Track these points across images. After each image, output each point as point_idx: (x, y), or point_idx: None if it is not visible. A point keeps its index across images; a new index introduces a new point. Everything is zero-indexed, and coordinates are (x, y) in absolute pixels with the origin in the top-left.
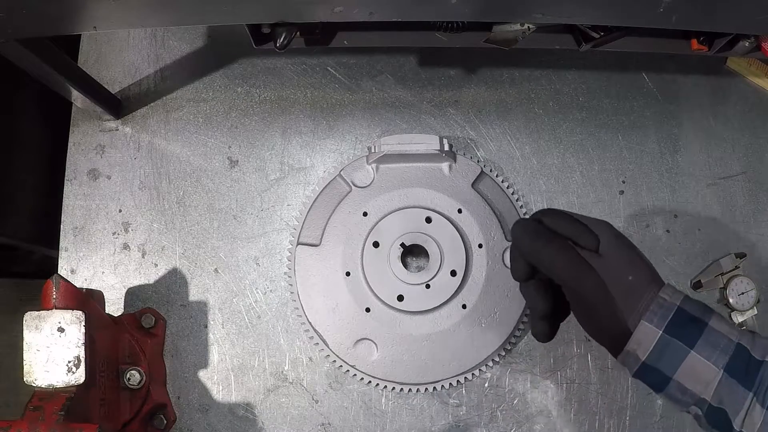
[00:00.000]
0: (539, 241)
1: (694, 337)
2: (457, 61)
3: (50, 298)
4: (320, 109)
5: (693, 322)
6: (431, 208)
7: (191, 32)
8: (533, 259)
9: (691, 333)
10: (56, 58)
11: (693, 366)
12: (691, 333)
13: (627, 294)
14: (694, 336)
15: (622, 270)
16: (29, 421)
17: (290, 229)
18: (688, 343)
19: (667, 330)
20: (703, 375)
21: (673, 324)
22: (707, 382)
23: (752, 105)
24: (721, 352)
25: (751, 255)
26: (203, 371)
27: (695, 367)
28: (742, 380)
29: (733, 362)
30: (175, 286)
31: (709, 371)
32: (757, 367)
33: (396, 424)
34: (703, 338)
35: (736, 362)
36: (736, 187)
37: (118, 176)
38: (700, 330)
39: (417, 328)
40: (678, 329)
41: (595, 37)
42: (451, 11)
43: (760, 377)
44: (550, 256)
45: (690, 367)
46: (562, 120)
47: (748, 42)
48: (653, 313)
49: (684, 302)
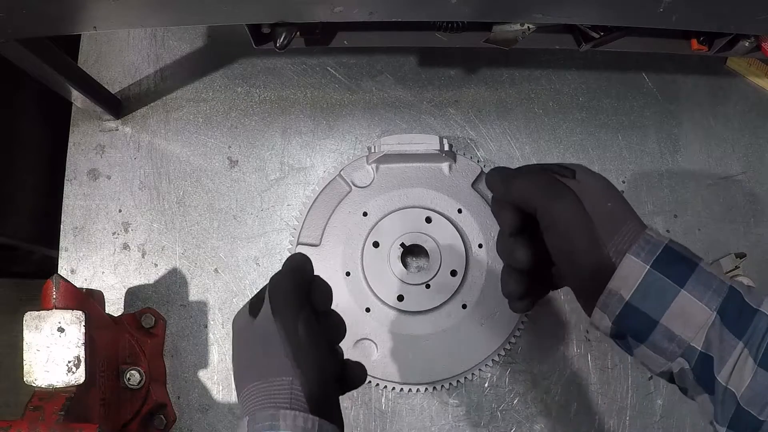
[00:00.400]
0: (514, 172)
1: (684, 275)
2: (457, 61)
3: (50, 298)
4: (320, 109)
5: (683, 261)
6: (431, 208)
7: (191, 32)
8: (509, 191)
9: (681, 271)
10: (56, 58)
11: (683, 307)
12: (681, 271)
13: (607, 220)
14: (684, 274)
15: (601, 196)
16: (29, 421)
17: (290, 229)
18: (678, 281)
19: (654, 266)
20: (695, 317)
21: (662, 261)
22: (698, 325)
23: (752, 105)
24: (713, 293)
25: (751, 255)
26: (203, 371)
27: (686, 308)
28: (734, 327)
29: (726, 305)
30: (175, 286)
31: (701, 313)
32: (751, 315)
33: (396, 424)
34: (695, 277)
35: (729, 306)
36: (736, 187)
37: (118, 176)
38: (690, 269)
39: (417, 328)
40: (667, 267)
41: (595, 37)
42: (451, 11)
43: (753, 327)
44: (525, 179)
45: (680, 308)
46: (562, 120)
47: (748, 42)
48: (640, 247)
49: (672, 243)
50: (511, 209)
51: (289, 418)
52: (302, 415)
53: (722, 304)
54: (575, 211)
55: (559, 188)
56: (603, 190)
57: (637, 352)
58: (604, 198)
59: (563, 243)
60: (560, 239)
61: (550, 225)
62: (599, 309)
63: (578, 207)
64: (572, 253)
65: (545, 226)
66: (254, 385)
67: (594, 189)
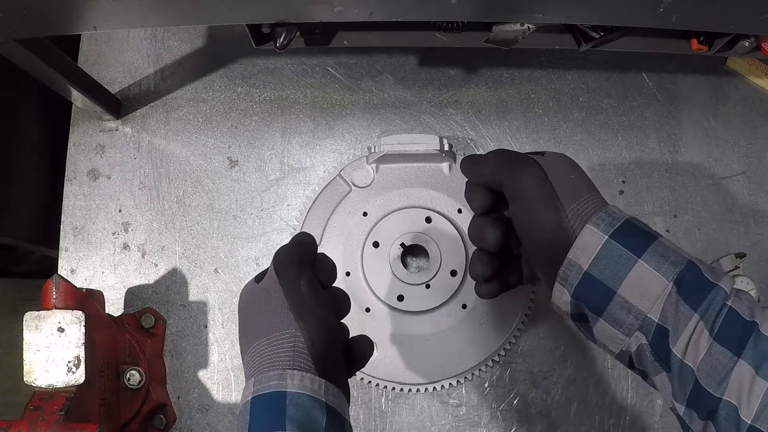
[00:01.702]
0: (484, 154)
1: (642, 246)
2: (457, 61)
3: (50, 298)
4: (320, 109)
5: (642, 233)
6: (431, 208)
7: (191, 32)
8: (479, 172)
9: (639, 242)
10: (56, 58)
11: (640, 277)
12: (639, 242)
13: (569, 191)
14: (643, 245)
15: (565, 170)
16: (29, 421)
17: (290, 229)
18: (636, 251)
19: (613, 236)
20: (651, 288)
21: (621, 232)
22: (655, 296)
23: (752, 105)
24: (671, 264)
25: (751, 255)
26: (203, 371)
27: (643, 278)
28: (690, 299)
29: (683, 276)
30: (175, 286)
31: (657, 283)
32: (708, 288)
33: (396, 424)
34: (652, 248)
35: (686, 277)
36: (736, 187)
37: (118, 176)
38: (649, 240)
39: (417, 328)
40: (625, 238)
41: (595, 37)
42: (451, 11)
43: (710, 300)
44: (493, 156)
45: (637, 277)
46: (562, 120)
47: (748, 42)
48: (600, 219)
49: (633, 219)
50: (481, 190)
51: (296, 377)
52: (309, 376)
53: (679, 275)
54: (538, 180)
55: (523, 160)
56: (567, 165)
57: (597, 330)
58: (568, 172)
59: (526, 213)
60: (524, 209)
61: (515, 195)
62: (559, 283)
63: (541, 177)
64: (534, 223)
65: (510, 196)
66: (258, 342)
67: (559, 164)
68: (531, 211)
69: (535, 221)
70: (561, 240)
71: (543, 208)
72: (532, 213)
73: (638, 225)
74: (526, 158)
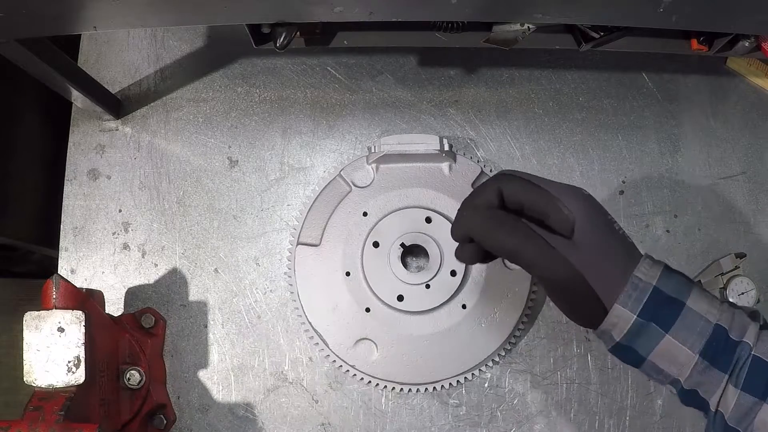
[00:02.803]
0: (501, 231)
1: (670, 320)
2: (457, 61)
3: (50, 298)
4: (320, 109)
5: (669, 303)
6: (431, 208)
7: (191, 32)
8: (493, 247)
9: (667, 315)
10: (56, 58)
11: (668, 349)
12: (667, 315)
13: (602, 279)
14: (670, 319)
15: (598, 257)
16: (29, 421)
17: (290, 229)
18: (663, 326)
19: (642, 314)
20: (679, 358)
21: (648, 307)
22: (682, 364)
23: (752, 105)
24: (698, 336)
25: (751, 255)
26: (203, 371)
27: (670, 350)
28: (718, 363)
29: (709, 345)
30: (175, 286)
31: (685, 355)
32: (734, 347)
33: (396, 424)
34: (680, 321)
35: (713, 345)
36: (736, 187)
37: (118, 176)
38: (676, 312)
39: (417, 328)
40: (653, 312)
41: (595, 37)
42: (451, 11)
43: (736, 357)
44: (515, 247)
45: (665, 350)
46: (562, 120)
47: (748, 42)
48: (627, 295)
49: (661, 280)
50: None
51: None
52: None
53: (705, 346)
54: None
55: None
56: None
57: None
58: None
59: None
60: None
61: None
62: (596, 335)
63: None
64: (570, 306)
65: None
66: None
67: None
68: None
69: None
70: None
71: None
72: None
73: (666, 291)
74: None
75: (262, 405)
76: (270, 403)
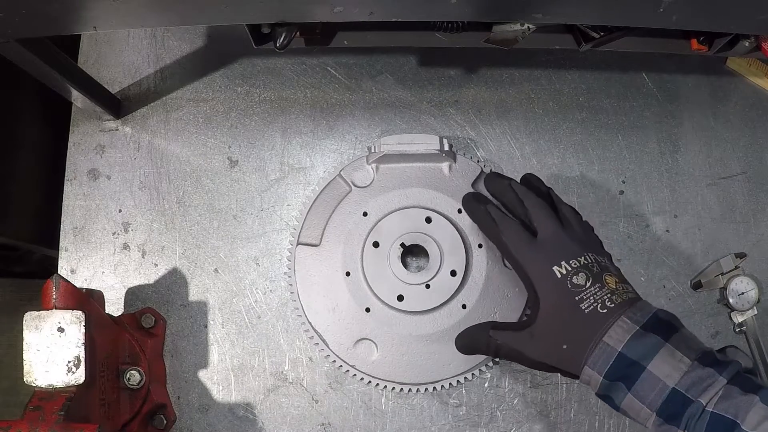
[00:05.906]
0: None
1: (631, 381)
2: (457, 61)
3: (50, 298)
4: (320, 109)
5: (631, 366)
6: (431, 208)
7: (191, 32)
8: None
9: (629, 377)
10: (56, 58)
11: (631, 405)
12: (629, 377)
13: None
14: (631, 380)
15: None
16: (29, 421)
17: (290, 229)
18: (627, 385)
19: (607, 375)
20: (640, 414)
21: (614, 368)
22: (644, 419)
23: (752, 105)
24: (655, 396)
25: (751, 255)
26: (203, 371)
27: (633, 406)
28: (674, 420)
29: (665, 406)
30: (175, 286)
31: (644, 412)
32: (687, 406)
33: (396, 424)
34: (640, 383)
35: (669, 405)
36: (736, 187)
37: (118, 176)
38: (637, 375)
39: (417, 328)
40: (618, 373)
41: (595, 37)
42: (452, 11)
43: (689, 414)
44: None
45: (629, 405)
46: (562, 120)
47: (748, 42)
48: (596, 358)
49: (628, 344)
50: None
51: None
52: None
53: (662, 406)
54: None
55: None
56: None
57: None
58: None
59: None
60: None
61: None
62: None
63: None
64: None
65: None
66: None
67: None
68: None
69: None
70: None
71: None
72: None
73: (630, 356)
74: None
75: (262, 405)
76: (270, 403)
